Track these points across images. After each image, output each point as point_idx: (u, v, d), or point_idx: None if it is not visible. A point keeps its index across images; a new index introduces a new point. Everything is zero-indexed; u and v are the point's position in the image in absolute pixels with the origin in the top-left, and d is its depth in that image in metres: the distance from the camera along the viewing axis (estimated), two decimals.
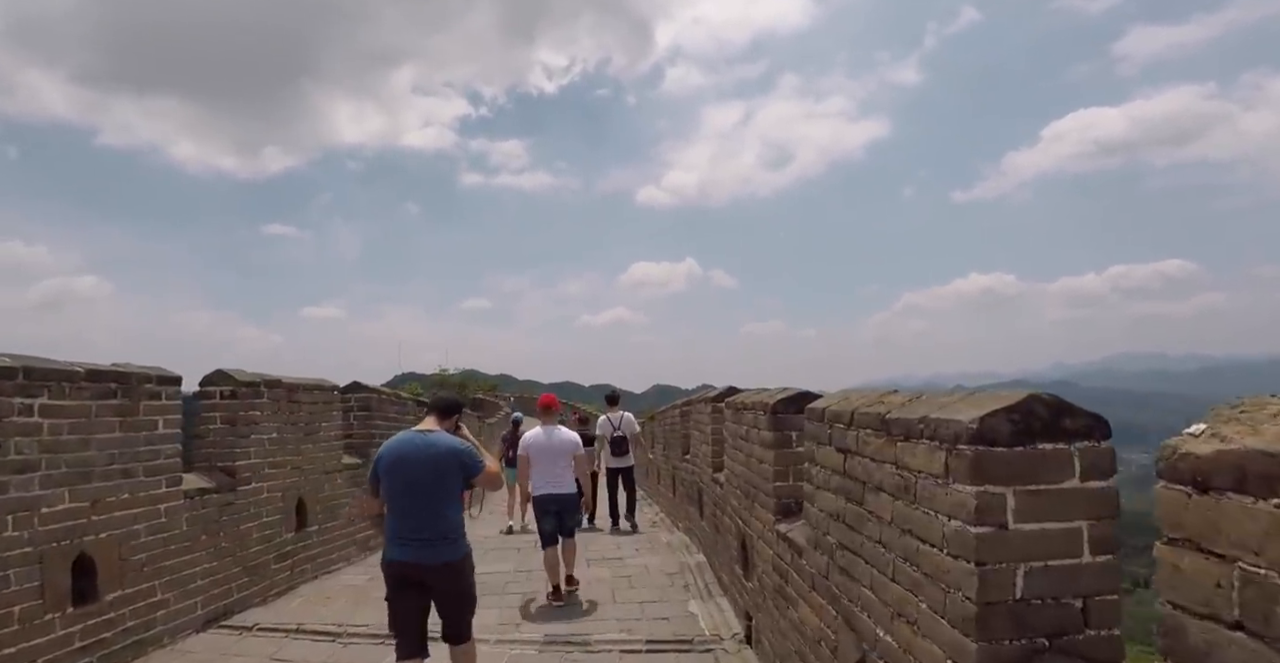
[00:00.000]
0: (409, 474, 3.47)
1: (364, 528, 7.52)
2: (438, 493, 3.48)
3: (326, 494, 6.80)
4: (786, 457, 3.96)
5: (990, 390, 2.13)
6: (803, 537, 3.38)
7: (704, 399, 6.65)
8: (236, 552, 5.43)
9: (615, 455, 9.40)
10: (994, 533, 1.80)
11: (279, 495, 6.01)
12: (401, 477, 3.48)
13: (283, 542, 6.02)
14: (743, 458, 4.74)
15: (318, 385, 6.74)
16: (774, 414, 3.97)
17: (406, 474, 3.47)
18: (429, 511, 3.46)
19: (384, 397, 8.36)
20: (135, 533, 4.50)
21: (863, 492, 2.60)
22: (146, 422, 4.63)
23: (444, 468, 3.48)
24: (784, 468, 3.96)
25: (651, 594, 5.71)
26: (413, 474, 3.46)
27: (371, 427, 8.00)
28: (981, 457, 1.81)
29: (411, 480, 3.46)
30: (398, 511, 3.49)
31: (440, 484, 3.48)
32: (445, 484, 3.50)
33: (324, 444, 6.77)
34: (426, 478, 3.46)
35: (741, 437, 4.78)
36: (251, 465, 5.68)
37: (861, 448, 2.61)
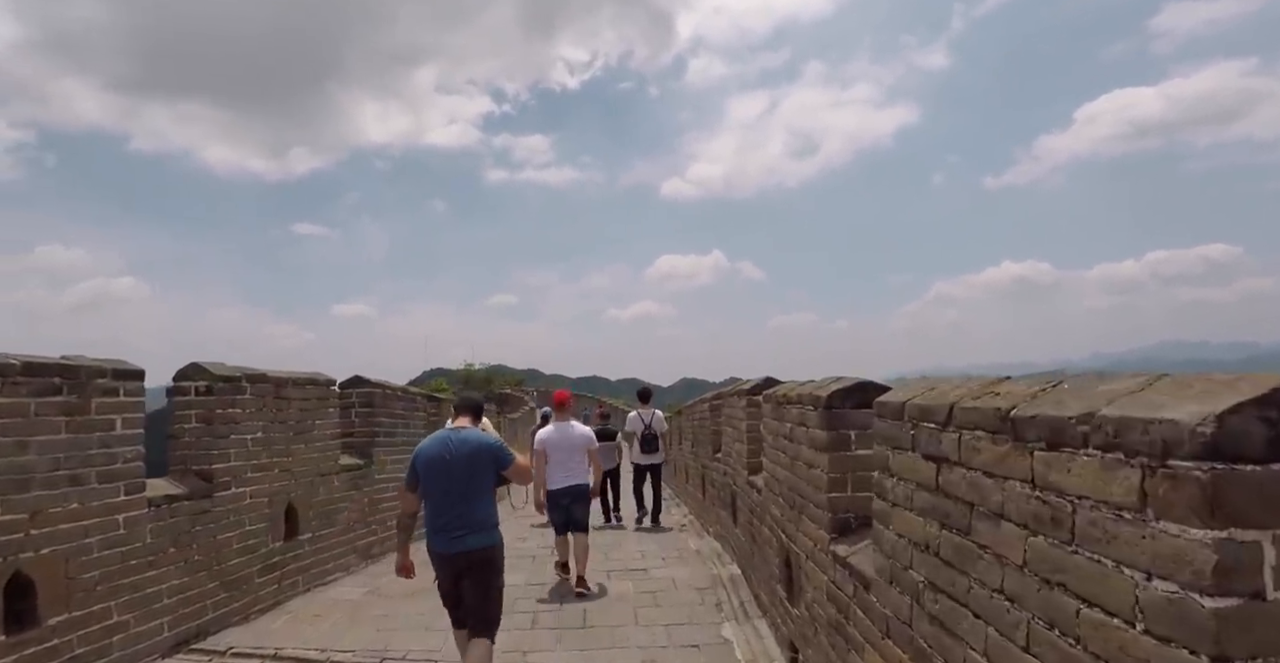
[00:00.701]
0: (445, 470, 3.74)
1: (364, 534, 6.97)
2: (472, 486, 3.76)
3: (321, 499, 6.24)
4: (844, 462, 3.26)
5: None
6: (870, 565, 2.68)
7: (737, 392, 5.96)
8: (213, 565, 4.87)
9: (645, 452, 9.41)
10: (1245, 607, 1.10)
11: (265, 501, 5.45)
12: (438, 473, 3.75)
13: (268, 552, 5.46)
14: (786, 461, 4.05)
15: (310, 380, 6.17)
16: (828, 409, 3.28)
17: (443, 470, 3.74)
18: (465, 503, 3.75)
19: (389, 392, 7.80)
20: (86, 548, 3.95)
21: (969, 517, 1.91)
22: (101, 421, 4.08)
23: (477, 463, 3.76)
24: (841, 475, 3.26)
25: (679, 615, 5.05)
26: (448, 470, 3.73)
27: (374, 425, 7.44)
28: (1223, 482, 1.11)
29: (447, 476, 3.74)
30: (435, 504, 3.78)
31: (474, 478, 3.76)
32: (479, 478, 3.78)
33: (318, 444, 6.21)
34: (461, 473, 3.73)
35: (784, 436, 4.09)
36: (231, 469, 5.13)
37: (966, 457, 1.91)
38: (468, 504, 3.76)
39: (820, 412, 3.35)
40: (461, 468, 3.73)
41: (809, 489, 3.57)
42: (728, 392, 6.59)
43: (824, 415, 3.31)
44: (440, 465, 3.76)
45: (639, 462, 9.47)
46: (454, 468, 3.73)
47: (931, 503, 2.12)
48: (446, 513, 3.76)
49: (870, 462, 3.27)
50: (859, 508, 3.23)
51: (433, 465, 3.77)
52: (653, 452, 9.41)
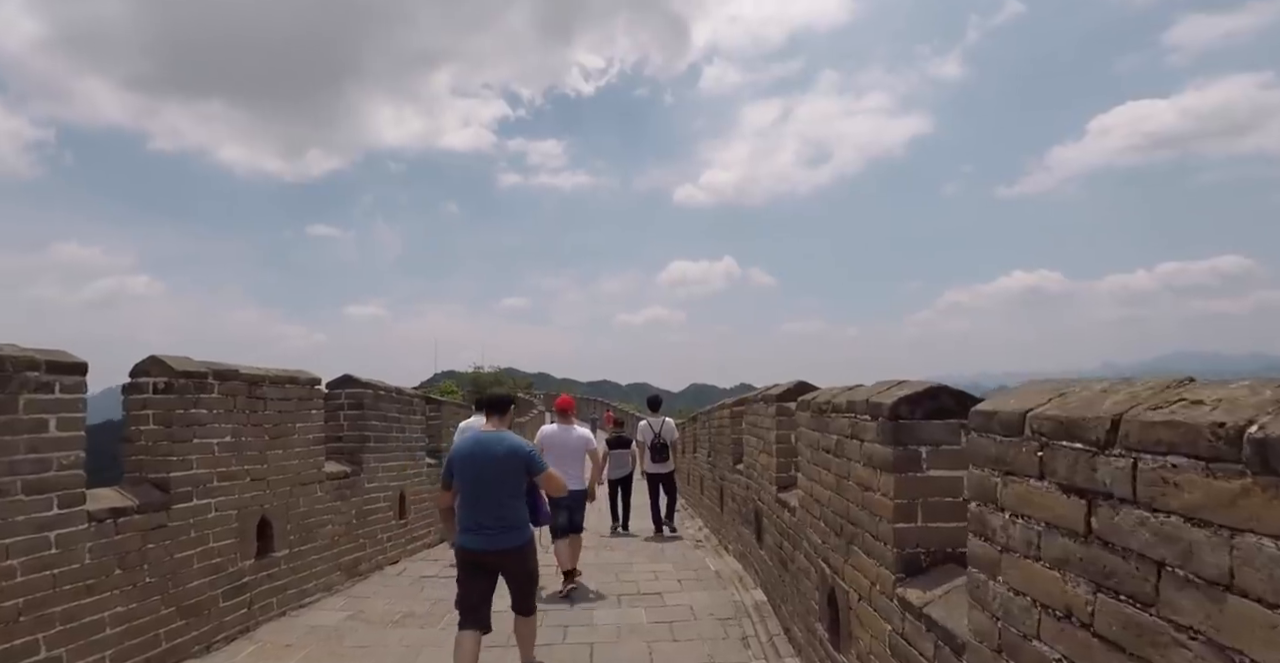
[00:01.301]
0: (478, 472, 3.94)
1: (350, 549, 6.41)
2: (504, 487, 3.95)
3: (302, 510, 5.68)
4: (914, 485, 2.66)
5: None
6: (963, 623, 2.08)
7: (765, 397, 5.36)
8: (168, 588, 4.32)
9: (656, 461, 9.46)
10: None
11: (233, 514, 4.89)
12: (472, 473, 3.95)
13: (237, 572, 4.90)
14: (831, 479, 3.45)
15: (291, 378, 5.62)
16: (893, 421, 2.67)
17: (476, 470, 3.94)
18: (496, 502, 3.93)
19: (381, 393, 7.24)
20: (7, 571, 3.39)
21: (1153, 582, 1.31)
22: (29, 422, 3.53)
23: (509, 465, 3.95)
24: (909, 501, 2.66)
25: (700, 653, 4.45)
26: (481, 472, 3.93)
27: (365, 428, 6.88)
28: None
29: (480, 476, 3.94)
30: (468, 503, 3.97)
31: (506, 479, 3.96)
32: (510, 479, 3.97)
33: (299, 450, 5.65)
34: (494, 474, 3.93)
35: (828, 450, 3.49)
36: (194, 477, 4.58)
37: (1150, 495, 1.32)
38: (500, 505, 3.95)
39: (881, 423, 2.75)
40: (494, 470, 3.94)
41: (864, 516, 2.97)
42: (752, 397, 5.99)
43: (887, 428, 2.71)
44: (474, 467, 3.97)
45: (650, 471, 9.49)
46: (486, 470, 3.94)
47: (1079, 554, 1.52)
48: (479, 513, 3.95)
49: (948, 487, 2.67)
50: (934, 543, 2.64)
51: (467, 467, 4.00)
52: (663, 461, 9.45)
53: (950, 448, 2.68)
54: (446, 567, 7.10)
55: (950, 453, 2.68)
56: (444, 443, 9.33)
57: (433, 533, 8.50)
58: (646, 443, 9.46)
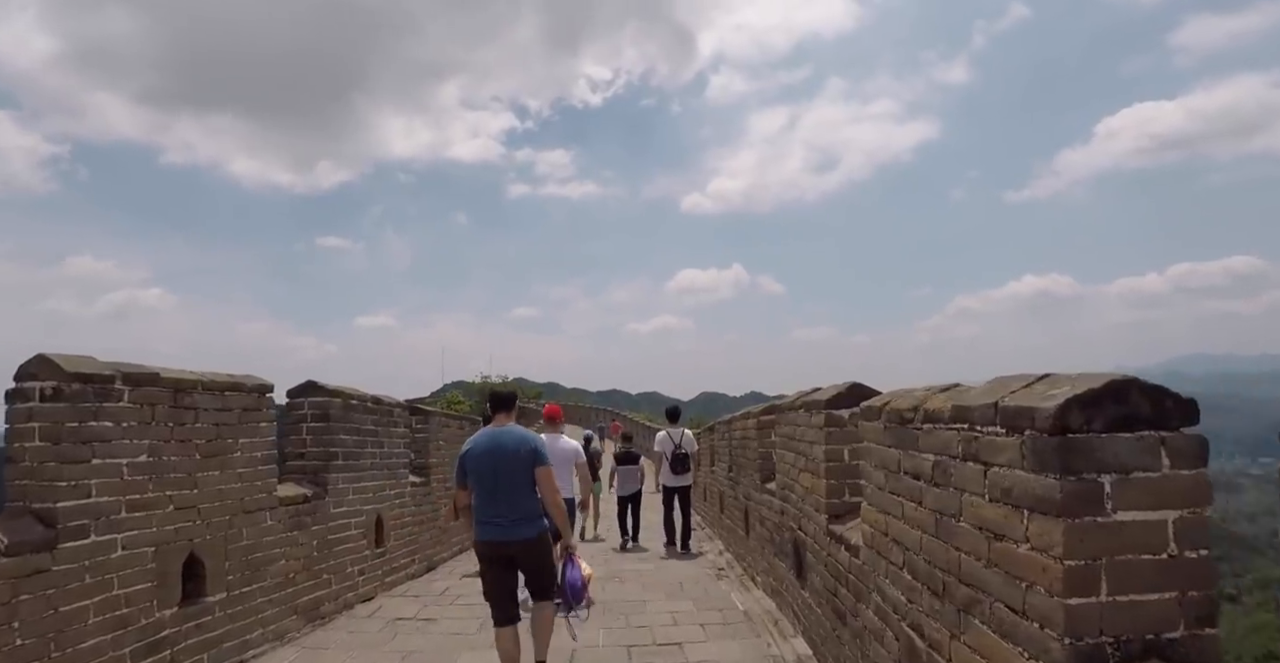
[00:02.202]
0: (493, 466, 4.09)
1: (311, 588, 5.48)
2: (517, 480, 4.10)
3: (246, 544, 4.76)
4: (1095, 537, 1.71)
5: None
6: None
7: (807, 404, 4.41)
8: (50, 652, 3.40)
9: (676, 474, 9.22)
10: None
11: (148, 552, 3.98)
12: (486, 468, 4.10)
13: (153, 625, 3.99)
14: (926, 517, 2.50)
15: (232, 384, 4.72)
16: (1061, 435, 1.73)
17: (490, 466, 4.09)
18: (512, 496, 4.09)
19: (352, 402, 6.33)
20: None
21: None
22: None
23: (520, 458, 4.10)
24: (1087, 563, 1.71)
25: None
26: (495, 465, 4.09)
27: (332, 443, 5.97)
28: None
29: (494, 471, 4.09)
30: (483, 497, 4.13)
31: (517, 473, 4.10)
32: (522, 472, 4.11)
33: (243, 470, 4.75)
34: (507, 468, 4.09)
35: (918, 474, 2.55)
36: (92, 507, 3.67)
37: None
38: (514, 497, 4.09)
39: (1033, 439, 1.81)
40: (507, 463, 4.09)
41: (993, 578, 2.02)
42: (788, 404, 5.04)
43: (1046, 447, 1.76)
44: (489, 462, 4.11)
45: (669, 484, 9.25)
46: (500, 463, 4.09)
47: None
48: (495, 505, 4.09)
49: (1148, 538, 1.73)
50: (1129, 629, 1.69)
51: (481, 462, 4.12)
52: (684, 473, 9.24)
53: (1147, 476, 1.74)
54: (428, 605, 6.17)
55: (1147, 484, 1.74)
56: (432, 459, 8.42)
57: (417, 562, 7.57)
58: (666, 454, 9.26)
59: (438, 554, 8.31)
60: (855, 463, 3.87)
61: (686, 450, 9.23)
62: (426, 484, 8.14)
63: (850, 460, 3.92)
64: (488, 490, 4.10)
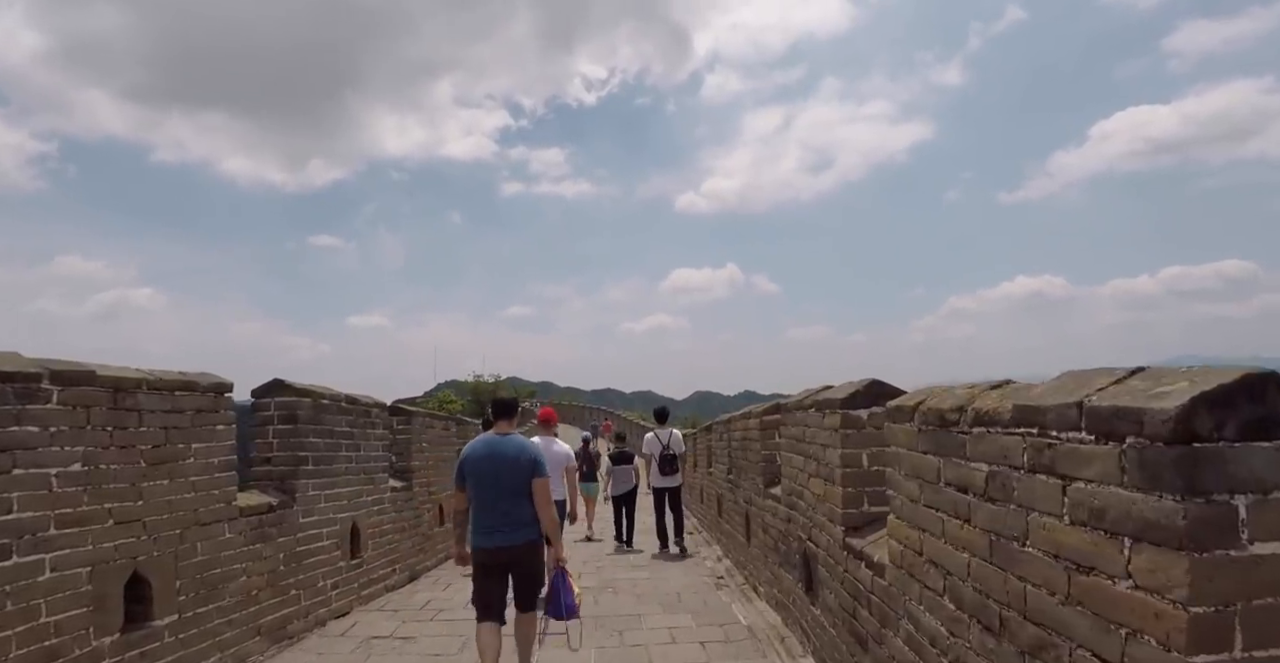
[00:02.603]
0: (492, 473, 4.18)
1: (276, 605, 5.06)
2: (514, 488, 4.17)
3: (201, 559, 4.35)
4: (1228, 574, 1.33)
5: None
6: None
7: (819, 403, 4.02)
8: None
9: (664, 475, 9.21)
10: None
11: (83, 573, 3.56)
12: (484, 475, 4.18)
13: (90, 655, 3.56)
14: (977, 538, 2.12)
15: (183, 383, 4.29)
16: (1184, 444, 1.34)
17: (489, 473, 4.18)
18: (508, 503, 4.17)
19: (324, 402, 5.91)
20: None
21: None
22: None
23: (519, 468, 4.18)
24: (1218, 609, 1.33)
25: None
26: (494, 473, 4.17)
27: (301, 446, 5.55)
28: None
29: (493, 478, 4.17)
30: (480, 504, 4.21)
31: (516, 482, 4.17)
32: (521, 480, 4.18)
33: (197, 478, 4.33)
34: (505, 476, 4.17)
35: (965, 487, 2.17)
36: (11, 524, 3.24)
37: None
38: (511, 505, 4.17)
39: (1146, 450, 1.42)
40: (505, 471, 4.16)
41: (1077, 620, 1.63)
42: (795, 403, 4.65)
43: (1162, 461, 1.37)
44: (487, 468, 4.18)
45: (657, 485, 9.25)
46: (499, 471, 4.16)
47: None
48: (492, 512, 4.16)
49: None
50: None
51: (479, 468, 4.20)
52: (672, 474, 9.23)
53: None
54: (407, 621, 5.77)
55: None
56: (414, 462, 8.01)
57: (397, 572, 7.16)
58: (654, 455, 9.26)
59: (420, 563, 7.89)
60: (877, 470, 3.48)
61: (675, 451, 9.26)
62: (409, 489, 7.73)
63: (870, 467, 3.53)
64: (485, 497, 4.20)
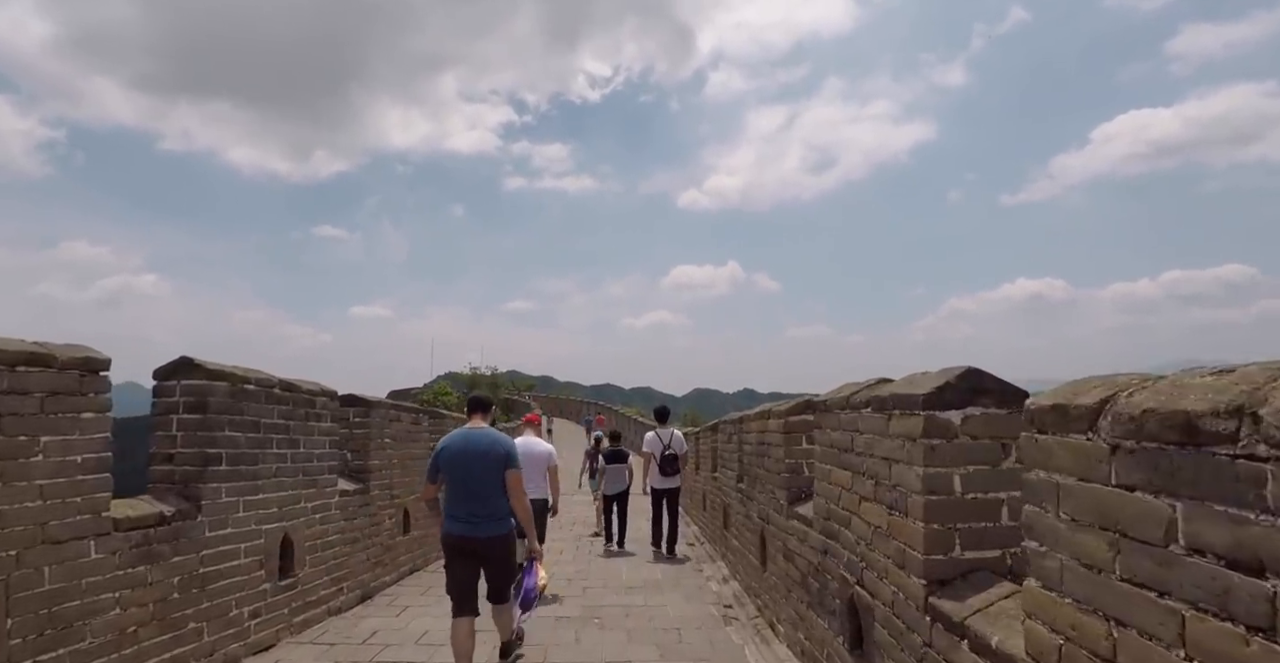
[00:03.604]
0: (465, 465, 4.36)
1: (162, 645, 4.01)
2: (487, 480, 4.37)
3: (51, 589, 3.30)
4: None
5: None
6: None
7: (879, 401, 2.95)
8: None
9: (664, 475, 9.10)
10: None
11: None
12: (458, 467, 4.36)
13: None
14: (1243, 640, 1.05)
15: (27, 356, 3.25)
16: None
17: (462, 465, 4.36)
18: (481, 495, 4.35)
19: (248, 388, 4.85)
20: None
21: None
22: None
23: (491, 459, 4.38)
24: None
25: None
26: (468, 465, 4.36)
27: (213, 441, 4.51)
28: None
29: (466, 470, 4.36)
30: (454, 494, 4.39)
31: (489, 473, 4.37)
32: (492, 473, 4.38)
33: (46, 483, 3.30)
34: (477, 467, 4.35)
35: (1249, 554, 1.10)
36: None
37: None
38: (484, 497, 4.37)
39: None
40: (479, 464, 4.36)
41: None
42: (839, 400, 3.57)
43: None
44: (461, 461, 4.37)
45: (657, 486, 9.15)
46: (472, 464, 4.36)
47: None
48: (465, 504, 4.35)
49: None
50: None
51: (454, 460, 4.38)
52: (672, 475, 9.15)
53: None
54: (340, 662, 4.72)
55: None
56: (374, 460, 6.97)
57: (345, 592, 6.12)
58: (655, 455, 9.13)
59: (377, 579, 6.85)
60: (977, 498, 2.43)
61: (676, 451, 9.13)
62: (365, 492, 6.69)
63: (967, 494, 2.47)
64: (459, 488, 4.37)
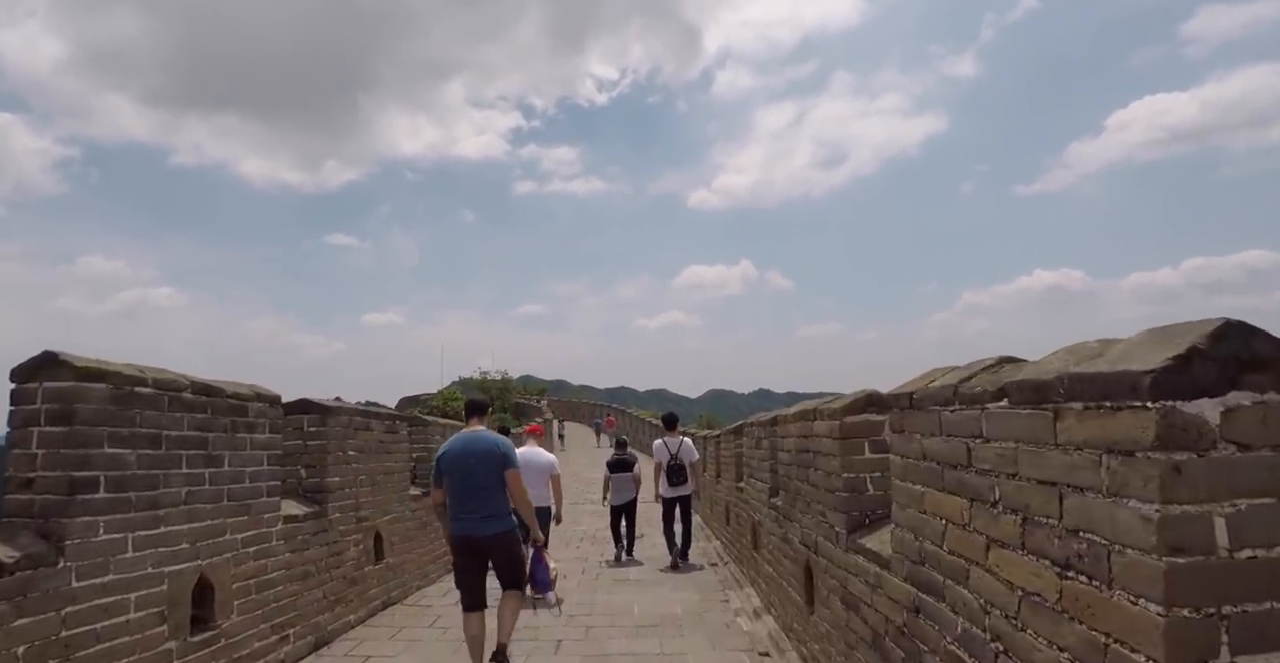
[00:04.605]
0: (465, 466, 4.70)
1: None
2: (488, 480, 4.71)
3: None
4: None
5: None
6: None
7: (1003, 388, 1.84)
8: None
9: (672, 484, 9.00)
10: None
11: None
12: (460, 468, 4.71)
13: None
14: None
15: None
16: None
17: (463, 466, 4.70)
18: (483, 494, 4.69)
19: (136, 392, 3.79)
20: None
21: None
22: None
23: (490, 460, 4.72)
24: None
25: None
26: (468, 466, 4.70)
27: (84, 461, 3.44)
28: None
29: (466, 471, 4.70)
30: (457, 495, 4.74)
31: (489, 473, 4.71)
32: (492, 473, 4.72)
33: None
34: (477, 468, 4.70)
35: None
36: None
37: None
38: (485, 496, 4.69)
39: None
40: (478, 464, 4.69)
41: None
42: (943, 391, 2.45)
43: None
44: (461, 462, 4.70)
45: (667, 495, 9.05)
46: (472, 465, 4.69)
47: None
48: (468, 503, 4.68)
49: None
50: None
51: (455, 462, 4.72)
52: (680, 483, 8.99)
53: None
54: None
55: None
56: (332, 476, 5.91)
57: (290, 641, 5.04)
58: (662, 464, 9.01)
59: (338, 620, 5.76)
60: (1258, 557, 1.32)
61: (684, 460, 8.96)
62: (321, 516, 5.62)
63: (1237, 550, 1.36)
64: (461, 489, 4.70)
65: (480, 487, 4.67)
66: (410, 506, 7.62)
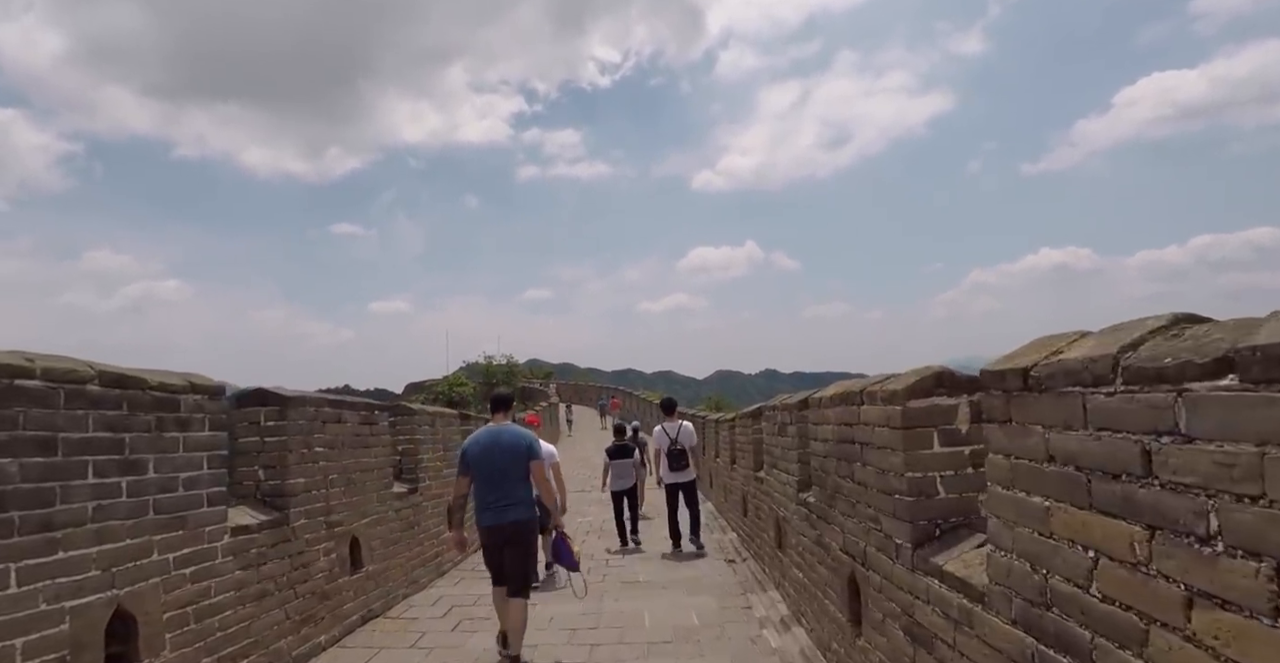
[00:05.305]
0: (491, 458, 5.01)
1: None
2: (513, 471, 5.02)
3: None
4: None
5: None
6: None
7: (1228, 358, 1.10)
8: None
9: (674, 470, 9.06)
10: None
11: None
12: (486, 460, 5.01)
13: None
14: None
15: None
16: None
17: (489, 458, 5.01)
18: (507, 484, 5.00)
19: (26, 387, 3.07)
20: None
21: None
22: None
23: (516, 452, 5.03)
24: None
25: None
26: (494, 458, 5.00)
27: None
28: None
29: (492, 462, 5.01)
30: (483, 486, 5.03)
31: (514, 464, 5.02)
32: (518, 464, 5.03)
33: None
34: (503, 460, 5.00)
35: None
36: None
37: None
38: (510, 485, 4.99)
39: None
40: (504, 456, 4.99)
41: None
42: (1079, 365, 1.73)
43: None
44: (488, 454, 5.01)
45: (669, 481, 9.11)
46: (497, 456, 4.99)
47: None
48: (493, 492, 4.98)
49: None
50: None
51: (482, 455, 5.02)
52: (682, 469, 9.05)
53: None
54: None
55: None
56: (295, 479, 5.21)
57: None
58: (663, 450, 9.10)
59: (304, 642, 5.04)
60: None
61: (684, 445, 9.05)
62: (281, 524, 4.93)
63: None
64: (487, 480, 5.00)
65: (505, 478, 4.96)
66: (394, 505, 6.93)
